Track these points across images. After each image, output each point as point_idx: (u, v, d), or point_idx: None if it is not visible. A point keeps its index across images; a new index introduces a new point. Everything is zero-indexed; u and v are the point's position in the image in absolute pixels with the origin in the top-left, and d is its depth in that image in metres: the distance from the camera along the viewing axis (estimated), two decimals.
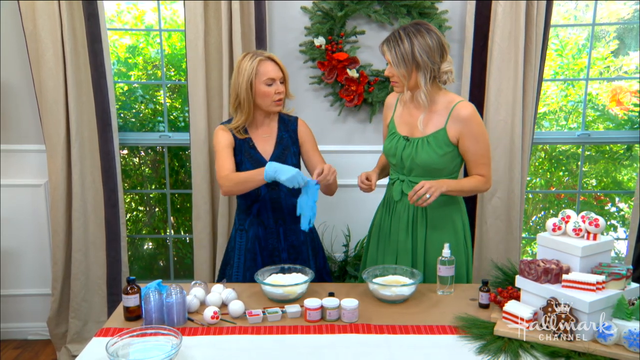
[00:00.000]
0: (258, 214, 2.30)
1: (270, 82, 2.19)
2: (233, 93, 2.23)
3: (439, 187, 2.03)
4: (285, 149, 2.30)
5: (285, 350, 1.69)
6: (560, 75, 3.62)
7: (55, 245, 3.07)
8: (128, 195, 3.74)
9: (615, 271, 1.69)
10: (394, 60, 2.04)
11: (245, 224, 2.33)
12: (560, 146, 3.62)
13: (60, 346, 3.18)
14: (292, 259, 2.32)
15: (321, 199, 3.18)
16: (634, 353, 1.56)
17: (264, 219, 2.30)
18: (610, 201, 3.71)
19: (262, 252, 2.31)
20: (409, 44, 2.02)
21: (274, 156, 2.28)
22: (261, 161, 2.26)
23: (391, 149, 2.21)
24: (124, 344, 1.62)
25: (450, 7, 2.94)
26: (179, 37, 3.49)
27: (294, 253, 2.33)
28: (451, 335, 1.76)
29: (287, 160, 2.28)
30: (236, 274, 2.32)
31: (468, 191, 2.19)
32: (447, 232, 2.20)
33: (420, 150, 2.12)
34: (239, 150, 2.28)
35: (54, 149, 2.97)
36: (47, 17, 2.82)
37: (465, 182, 2.16)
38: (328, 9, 2.91)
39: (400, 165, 2.20)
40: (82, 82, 2.96)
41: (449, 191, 2.09)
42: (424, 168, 2.14)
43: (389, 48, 2.05)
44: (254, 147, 2.28)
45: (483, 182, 2.17)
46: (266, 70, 2.18)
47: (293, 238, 2.33)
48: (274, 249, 2.31)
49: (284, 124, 2.34)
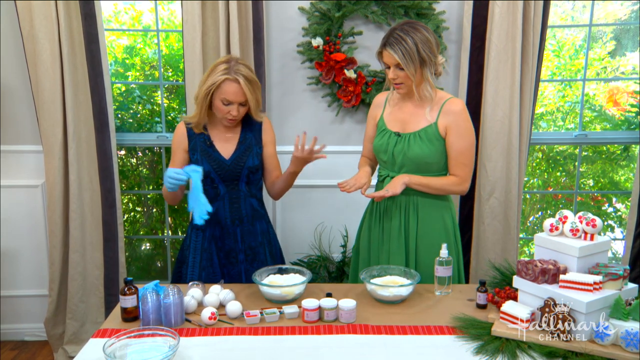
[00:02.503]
0: (216, 212, 2.24)
1: (227, 102, 2.14)
2: (198, 88, 2.19)
3: (399, 181, 2.11)
4: (247, 149, 2.25)
5: (283, 350, 1.69)
6: (558, 76, 3.63)
7: (53, 245, 3.07)
8: (125, 195, 3.73)
9: (613, 271, 1.69)
10: (402, 60, 2.04)
11: None
12: (557, 147, 3.62)
13: (58, 347, 3.17)
14: (249, 261, 2.29)
15: (320, 199, 3.20)
16: (631, 353, 1.56)
17: (221, 219, 2.26)
18: (607, 201, 3.72)
19: (219, 252, 2.28)
20: (412, 42, 2.04)
21: (234, 157, 2.23)
22: (221, 160, 2.22)
23: (382, 145, 2.22)
24: (122, 345, 1.62)
25: (447, 7, 2.95)
26: (176, 37, 3.49)
27: (251, 254, 2.30)
28: (449, 335, 1.76)
29: (248, 162, 2.24)
30: (191, 273, 2.28)
31: (436, 188, 2.18)
32: (439, 232, 2.22)
33: (413, 144, 2.14)
34: (193, 149, 2.24)
35: (51, 150, 2.97)
36: (44, 17, 2.82)
37: (433, 179, 2.17)
38: (325, 9, 2.91)
39: (391, 162, 2.21)
40: (80, 82, 2.95)
41: (412, 183, 2.14)
42: (415, 163, 2.16)
43: (395, 50, 2.04)
44: (212, 146, 2.23)
45: (456, 183, 2.17)
46: (227, 90, 2.11)
47: (250, 239, 2.30)
48: (230, 250, 2.28)
49: (248, 125, 2.29)
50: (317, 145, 2.16)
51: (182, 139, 2.26)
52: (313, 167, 2.50)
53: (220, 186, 2.24)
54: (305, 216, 3.21)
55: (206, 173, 2.18)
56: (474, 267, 3.11)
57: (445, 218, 2.24)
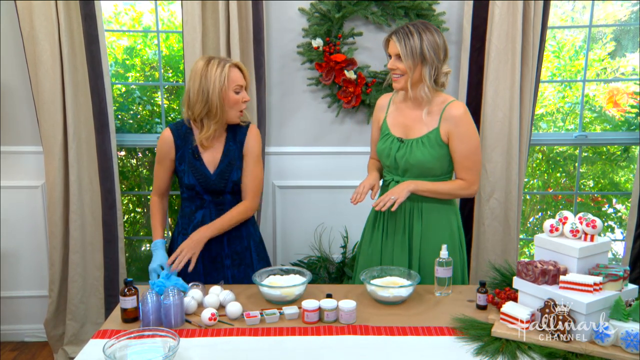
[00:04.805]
0: (202, 220, 2.23)
1: (239, 89, 2.14)
2: (199, 101, 2.10)
3: (405, 187, 2.10)
4: (230, 162, 2.21)
5: (282, 351, 1.69)
6: (558, 77, 3.63)
7: (53, 246, 3.06)
8: (125, 196, 3.73)
9: (613, 272, 1.69)
10: (403, 51, 2.06)
11: (188, 228, 2.25)
12: (557, 147, 3.62)
13: (58, 348, 3.17)
14: (235, 265, 2.28)
15: (320, 199, 3.20)
16: (631, 354, 1.56)
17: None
18: (607, 202, 3.72)
19: (204, 259, 2.24)
20: (419, 38, 2.06)
21: (218, 171, 2.19)
22: (206, 175, 2.18)
23: (385, 149, 2.22)
24: (122, 345, 1.62)
25: (447, 8, 2.95)
26: (176, 38, 3.49)
27: (238, 259, 2.28)
28: (449, 336, 1.76)
29: (232, 176, 2.20)
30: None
31: (444, 193, 2.16)
32: (444, 234, 2.21)
33: (415, 150, 2.13)
34: (181, 159, 2.20)
35: (51, 151, 2.97)
36: (45, 18, 2.82)
37: (441, 184, 2.16)
38: (326, 10, 2.91)
39: (394, 167, 2.21)
40: (80, 83, 2.95)
41: (419, 190, 2.12)
42: (418, 168, 2.15)
43: (399, 39, 2.07)
44: (199, 159, 2.19)
45: (464, 187, 2.16)
46: (236, 77, 2.12)
47: (236, 243, 2.28)
48: (217, 255, 2.26)
49: (232, 132, 2.23)
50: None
51: (169, 148, 2.22)
52: (313, 168, 2.49)
53: (206, 196, 2.23)
54: (305, 217, 3.21)
55: (191, 186, 2.20)
56: (474, 268, 3.11)
57: (451, 222, 2.23)
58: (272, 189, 3.18)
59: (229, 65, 2.11)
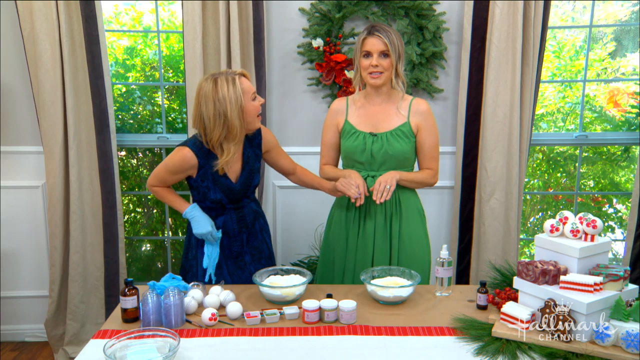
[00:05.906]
0: (223, 225, 2.24)
1: (254, 96, 2.13)
2: (218, 126, 2.04)
3: (393, 176, 2.17)
4: (251, 170, 2.22)
5: (283, 351, 1.69)
6: (558, 77, 3.63)
7: (53, 246, 3.07)
8: (126, 196, 3.73)
9: (613, 272, 1.69)
10: (391, 46, 2.15)
11: None
12: (557, 147, 3.63)
13: (58, 348, 3.17)
14: (255, 260, 2.31)
15: (320, 199, 3.19)
16: (631, 354, 1.56)
17: (229, 230, 2.25)
18: (607, 202, 3.72)
19: (227, 260, 2.27)
20: (394, 34, 2.18)
21: (242, 180, 2.19)
22: (231, 187, 2.17)
23: (358, 146, 2.25)
24: (122, 345, 1.62)
25: (448, 8, 2.95)
26: (177, 38, 3.50)
27: (257, 254, 2.33)
28: (449, 336, 1.76)
29: (253, 181, 2.24)
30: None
31: (419, 182, 2.29)
32: (416, 222, 2.31)
33: (393, 141, 2.22)
34: (203, 176, 2.15)
35: (51, 151, 2.97)
36: (45, 18, 2.82)
37: (416, 174, 2.29)
38: (326, 10, 2.91)
39: (370, 161, 2.25)
40: (80, 83, 2.95)
41: (401, 180, 2.22)
42: (396, 159, 2.23)
43: (386, 35, 2.15)
44: (224, 175, 2.16)
45: (432, 175, 2.30)
46: (248, 86, 2.09)
47: (253, 239, 2.32)
48: (238, 255, 2.28)
49: (248, 139, 2.23)
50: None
51: (190, 167, 2.14)
52: (313, 168, 2.50)
53: (228, 205, 2.24)
54: (305, 217, 3.21)
55: (218, 201, 2.19)
56: (474, 268, 3.11)
57: (419, 208, 2.35)
58: (272, 189, 3.18)
59: (238, 75, 2.08)
